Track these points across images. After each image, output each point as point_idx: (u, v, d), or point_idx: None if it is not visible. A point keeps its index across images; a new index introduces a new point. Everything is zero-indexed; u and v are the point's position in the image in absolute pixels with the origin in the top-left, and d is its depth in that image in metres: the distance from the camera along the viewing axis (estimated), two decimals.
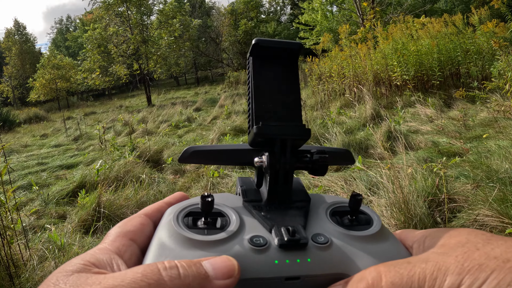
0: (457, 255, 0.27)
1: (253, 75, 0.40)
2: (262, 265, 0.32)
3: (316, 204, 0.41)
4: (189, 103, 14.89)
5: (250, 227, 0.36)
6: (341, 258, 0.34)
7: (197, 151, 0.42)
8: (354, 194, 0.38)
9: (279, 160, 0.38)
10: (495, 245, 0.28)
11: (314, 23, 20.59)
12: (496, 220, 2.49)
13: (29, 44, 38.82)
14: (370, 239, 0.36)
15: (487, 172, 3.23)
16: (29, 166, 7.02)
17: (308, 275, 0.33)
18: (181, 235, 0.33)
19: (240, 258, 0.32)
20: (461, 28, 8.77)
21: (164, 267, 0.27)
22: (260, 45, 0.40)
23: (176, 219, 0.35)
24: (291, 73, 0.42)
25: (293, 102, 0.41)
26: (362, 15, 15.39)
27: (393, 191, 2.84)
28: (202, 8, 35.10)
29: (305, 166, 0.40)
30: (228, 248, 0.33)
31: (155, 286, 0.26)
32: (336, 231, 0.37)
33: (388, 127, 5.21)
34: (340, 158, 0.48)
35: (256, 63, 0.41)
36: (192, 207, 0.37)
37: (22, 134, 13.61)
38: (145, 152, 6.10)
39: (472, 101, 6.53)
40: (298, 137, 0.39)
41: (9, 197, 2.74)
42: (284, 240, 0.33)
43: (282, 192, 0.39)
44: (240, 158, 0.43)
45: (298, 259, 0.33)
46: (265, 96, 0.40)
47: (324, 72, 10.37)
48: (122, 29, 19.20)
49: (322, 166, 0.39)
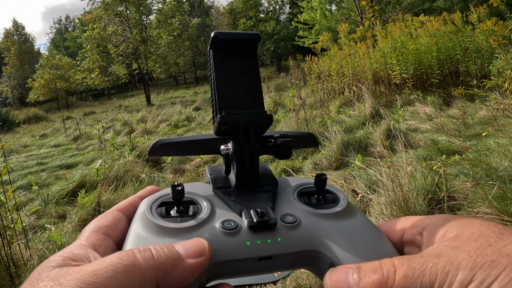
0: (470, 250, 0.28)
1: (214, 67, 0.42)
2: (235, 247, 0.33)
3: (283, 187, 0.42)
4: (188, 103, 14.88)
5: (220, 212, 0.37)
6: (310, 235, 0.36)
7: (166, 143, 0.43)
8: (319, 174, 0.40)
9: (243, 146, 0.40)
10: (507, 241, 0.28)
11: (313, 22, 20.57)
12: (496, 218, 2.49)
13: (28, 44, 38.76)
14: (337, 216, 0.38)
15: (486, 170, 3.23)
16: (28, 166, 7.02)
17: (279, 254, 0.34)
18: (155, 225, 0.34)
19: (213, 242, 0.33)
20: (460, 27, 8.76)
21: (139, 250, 0.29)
22: (219, 37, 0.41)
23: (149, 209, 0.36)
24: (251, 63, 0.43)
25: (254, 91, 0.42)
26: (361, 13, 15.40)
27: (392, 189, 2.84)
28: (201, 7, 35.06)
29: (270, 151, 0.42)
30: (200, 233, 0.34)
31: (130, 267, 0.27)
32: (304, 210, 0.38)
33: (388, 125, 5.21)
34: (304, 141, 0.50)
35: (217, 55, 0.42)
36: (164, 198, 0.38)
37: (21, 134, 13.60)
38: (144, 152, 6.10)
39: (471, 100, 6.53)
40: (260, 123, 0.41)
41: (9, 197, 2.74)
42: (254, 222, 0.34)
43: (249, 177, 0.41)
44: (208, 148, 0.44)
45: (269, 239, 0.34)
46: (227, 86, 0.42)
47: (323, 71, 10.37)
48: (121, 28, 19.18)
49: (285, 149, 0.41)
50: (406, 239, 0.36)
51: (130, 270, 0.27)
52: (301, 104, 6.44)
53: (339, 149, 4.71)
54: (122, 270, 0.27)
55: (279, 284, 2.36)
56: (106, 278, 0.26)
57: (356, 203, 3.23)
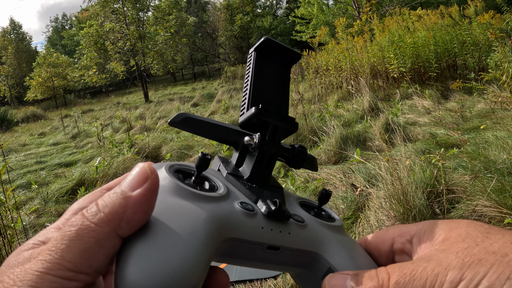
0: (458, 251, 0.29)
1: (254, 66, 0.43)
2: (250, 228, 0.33)
3: (286, 194, 0.43)
4: (187, 99, 14.86)
5: (236, 194, 0.37)
6: (315, 238, 0.37)
7: (188, 118, 0.43)
8: (324, 189, 0.42)
9: (268, 142, 0.41)
10: (493, 239, 0.29)
11: (310, 16, 20.56)
12: (495, 211, 2.50)
13: (25, 43, 38.66)
14: (336, 230, 0.40)
15: (485, 163, 3.24)
16: (27, 165, 7.01)
17: (287, 247, 0.35)
18: (174, 183, 0.33)
19: (232, 218, 0.33)
20: (457, 20, 8.76)
21: (86, 210, 0.27)
22: (268, 42, 0.43)
23: (168, 169, 0.35)
24: (285, 75, 0.46)
25: (284, 98, 0.45)
26: (358, 8, 15.36)
27: (391, 183, 2.85)
28: (197, 3, 34.94)
29: (287, 157, 0.44)
30: (220, 206, 0.33)
31: (81, 230, 0.26)
32: (308, 216, 0.40)
33: (386, 119, 5.21)
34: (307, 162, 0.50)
35: (259, 58, 0.44)
36: (180, 166, 0.37)
37: (20, 133, 13.57)
38: (143, 148, 6.10)
39: (469, 93, 6.54)
40: (289, 127, 0.43)
41: (9, 196, 2.74)
42: (272, 209, 0.35)
43: (264, 173, 0.41)
44: (226, 136, 0.44)
45: (280, 230, 0.35)
46: (262, 87, 0.44)
47: (321, 65, 10.36)
48: (118, 25, 19.11)
49: (301, 159, 0.44)
50: (396, 248, 0.37)
51: (82, 234, 0.26)
52: (299, 99, 6.43)
53: (338, 143, 4.72)
54: (74, 237, 0.25)
55: (279, 278, 2.37)
56: (62, 250, 0.25)
57: (355, 197, 3.24)
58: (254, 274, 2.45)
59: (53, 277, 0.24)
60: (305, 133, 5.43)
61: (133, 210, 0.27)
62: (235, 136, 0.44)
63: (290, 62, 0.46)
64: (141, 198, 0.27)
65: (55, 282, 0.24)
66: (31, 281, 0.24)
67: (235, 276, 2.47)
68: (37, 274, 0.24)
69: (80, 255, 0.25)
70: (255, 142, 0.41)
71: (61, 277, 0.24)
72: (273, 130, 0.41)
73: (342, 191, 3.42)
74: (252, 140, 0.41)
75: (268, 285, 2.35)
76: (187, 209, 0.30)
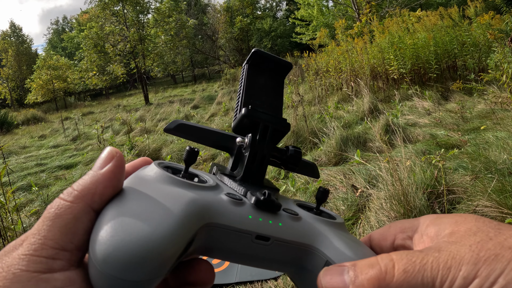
0: (471, 244, 0.27)
1: (246, 76, 0.45)
2: (236, 215, 0.33)
3: (283, 197, 0.43)
4: (187, 101, 14.86)
5: (226, 187, 0.37)
6: (309, 231, 0.36)
7: (183, 125, 0.43)
8: (322, 187, 0.42)
9: (259, 141, 0.41)
10: (507, 235, 0.27)
11: (310, 18, 20.56)
12: (495, 211, 2.50)
13: (25, 46, 38.70)
14: (336, 226, 0.39)
15: (485, 163, 3.24)
16: (28, 167, 7.02)
17: (278, 238, 0.34)
18: (165, 174, 0.34)
19: (216, 205, 0.32)
20: (457, 21, 8.77)
21: (62, 193, 0.29)
22: (258, 54, 0.45)
23: (157, 164, 0.36)
24: (278, 84, 0.47)
25: (277, 104, 0.46)
26: (358, 9, 15.37)
27: (392, 183, 2.85)
28: (197, 5, 34.99)
29: (280, 158, 0.43)
30: (206, 193, 0.33)
31: (59, 209, 0.27)
32: (305, 212, 0.39)
33: (386, 120, 5.21)
34: (306, 168, 0.50)
35: (251, 69, 0.46)
36: (169, 164, 0.38)
37: (20, 136, 13.57)
38: (144, 150, 6.10)
39: (469, 93, 6.54)
40: (280, 127, 0.43)
41: (9, 198, 2.74)
42: (260, 199, 0.34)
43: (256, 172, 0.41)
44: (221, 142, 0.45)
45: (270, 220, 0.34)
46: (255, 93, 0.45)
47: (321, 67, 10.36)
48: (118, 28, 19.13)
49: (295, 160, 0.43)
50: (397, 244, 0.36)
51: (60, 212, 0.27)
52: (300, 100, 6.43)
53: (338, 144, 4.72)
54: (53, 216, 0.27)
55: (280, 280, 2.36)
56: (44, 230, 0.26)
57: (355, 198, 3.24)
58: (254, 276, 2.45)
59: (38, 257, 0.25)
60: (306, 135, 5.42)
61: (103, 185, 0.29)
62: (229, 142, 0.44)
63: (283, 72, 0.47)
64: (110, 174, 0.29)
65: (40, 263, 0.25)
66: (18, 265, 0.25)
67: (236, 277, 2.46)
68: (23, 257, 0.25)
69: (60, 231, 0.26)
70: (245, 142, 0.41)
71: (46, 256, 0.25)
72: (263, 129, 0.42)
73: (342, 192, 3.42)
74: (244, 140, 0.42)
75: (269, 286, 2.35)
76: (171, 191, 0.31)
